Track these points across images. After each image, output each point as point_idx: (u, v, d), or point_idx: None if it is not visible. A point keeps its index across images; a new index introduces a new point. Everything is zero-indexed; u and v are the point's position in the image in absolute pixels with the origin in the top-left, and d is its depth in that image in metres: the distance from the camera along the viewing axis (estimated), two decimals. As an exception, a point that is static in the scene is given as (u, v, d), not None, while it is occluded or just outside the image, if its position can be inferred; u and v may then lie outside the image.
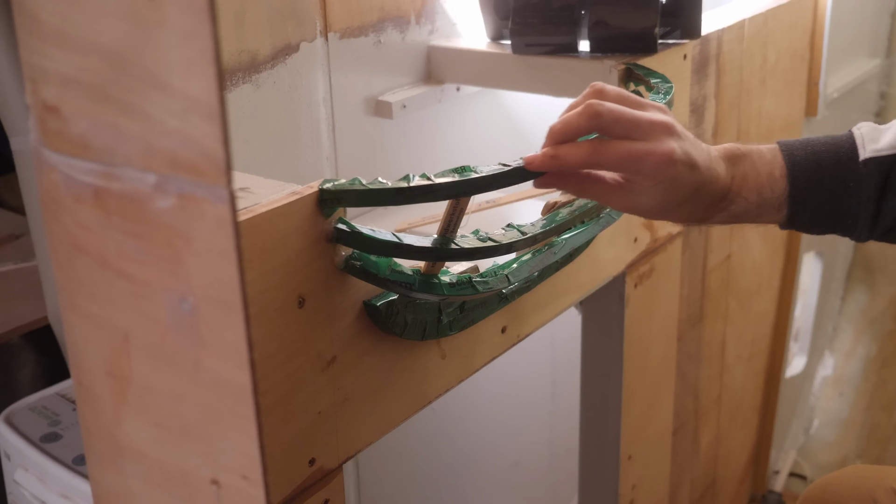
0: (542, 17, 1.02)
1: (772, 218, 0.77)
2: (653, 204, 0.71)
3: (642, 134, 0.68)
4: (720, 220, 0.76)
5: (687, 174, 0.69)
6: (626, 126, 0.68)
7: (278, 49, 0.92)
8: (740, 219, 0.76)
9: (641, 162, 0.67)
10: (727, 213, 0.75)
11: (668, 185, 0.69)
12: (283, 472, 0.65)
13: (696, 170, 0.70)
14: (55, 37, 0.49)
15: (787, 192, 0.75)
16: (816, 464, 1.99)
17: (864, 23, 1.80)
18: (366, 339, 0.70)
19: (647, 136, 0.68)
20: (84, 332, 0.57)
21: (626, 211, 0.73)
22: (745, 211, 0.75)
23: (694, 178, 0.70)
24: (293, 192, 0.62)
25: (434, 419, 1.31)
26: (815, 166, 0.76)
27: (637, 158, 0.67)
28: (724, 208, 0.75)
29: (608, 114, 0.68)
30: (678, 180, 0.69)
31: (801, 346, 1.95)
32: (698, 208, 0.73)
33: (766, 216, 0.77)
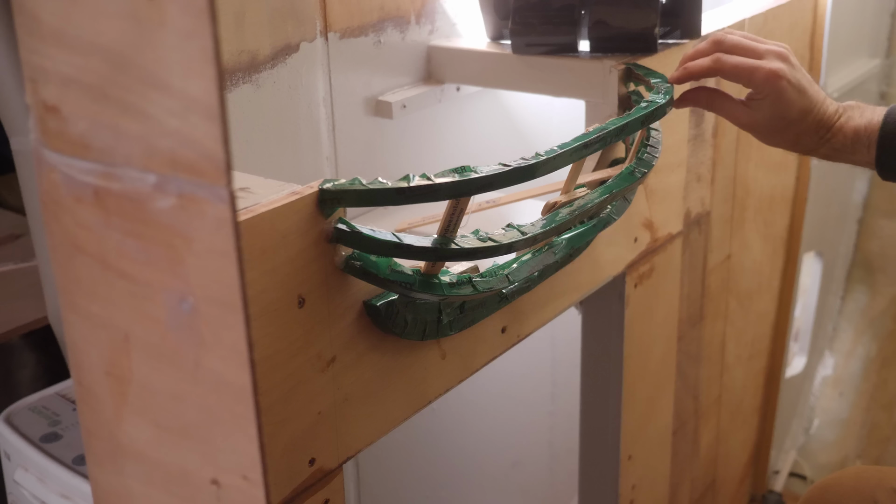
0: (542, 17, 1.02)
1: (863, 157, 0.90)
2: (766, 119, 0.86)
3: (757, 56, 0.85)
4: (826, 150, 0.90)
5: (794, 95, 0.85)
6: (743, 49, 0.85)
7: (278, 49, 0.92)
8: (840, 153, 0.90)
9: (753, 73, 0.83)
10: (829, 145, 0.89)
11: (777, 99, 0.84)
12: (283, 472, 0.65)
13: (803, 94, 0.85)
14: (55, 37, 0.49)
15: (877, 134, 0.88)
16: (816, 464, 1.99)
17: (864, 23, 1.80)
18: (366, 339, 0.70)
19: (762, 58, 0.85)
20: (84, 332, 0.57)
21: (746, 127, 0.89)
22: (843, 145, 0.89)
23: (801, 100, 0.85)
24: (293, 192, 0.62)
25: (434, 419, 1.31)
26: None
27: (750, 69, 0.84)
28: (827, 140, 0.88)
29: (729, 40, 0.86)
30: (785, 97, 0.84)
31: (801, 346, 1.95)
32: (807, 133, 0.87)
33: (859, 154, 0.89)
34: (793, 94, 0.84)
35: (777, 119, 0.86)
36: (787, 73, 0.84)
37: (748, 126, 0.88)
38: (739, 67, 0.84)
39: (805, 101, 0.85)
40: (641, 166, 0.86)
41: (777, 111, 0.85)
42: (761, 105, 0.85)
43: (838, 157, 0.90)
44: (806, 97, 0.85)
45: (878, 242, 2.11)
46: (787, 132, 0.87)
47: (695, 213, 1.24)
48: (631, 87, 0.98)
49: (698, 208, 1.25)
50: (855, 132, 0.88)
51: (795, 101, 0.85)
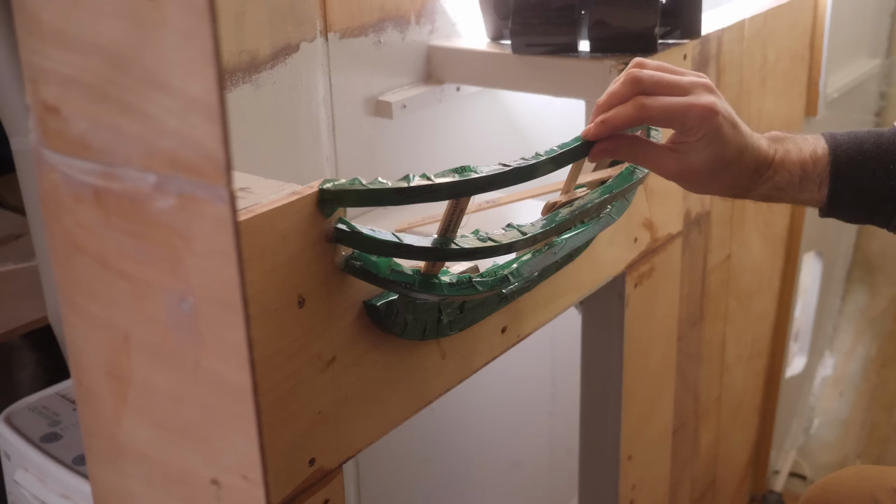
0: (542, 17, 1.02)
1: (812, 195, 0.79)
2: (701, 163, 0.74)
3: (683, 91, 0.72)
4: (764, 191, 0.78)
5: (731, 132, 0.73)
6: (667, 87, 0.72)
7: (278, 49, 0.92)
8: (783, 192, 0.79)
9: (686, 113, 0.71)
10: (771, 183, 0.78)
11: (714, 138, 0.72)
12: (283, 472, 0.65)
13: (738, 130, 0.74)
14: (55, 37, 0.49)
15: (828, 168, 0.78)
16: (816, 464, 1.99)
17: (864, 23, 1.80)
18: (366, 339, 0.70)
19: (688, 94, 0.72)
20: (84, 332, 0.57)
21: (676, 176, 0.76)
22: (787, 183, 0.78)
23: (737, 137, 0.74)
24: (293, 192, 0.62)
25: (434, 419, 1.31)
26: (857, 148, 0.79)
27: (681, 110, 0.71)
28: (768, 178, 0.77)
29: (648, 78, 0.72)
30: (723, 135, 0.72)
31: (801, 346, 1.95)
32: (744, 174, 0.76)
33: (807, 192, 0.79)
34: (728, 130, 0.73)
35: (713, 161, 0.73)
36: (720, 106, 0.72)
37: (679, 174, 0.75)
38: (669, 110, 0.71)
39: (740, 137, 0.74)
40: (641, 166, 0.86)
41: (713, 152, 0.73)
42: (695, 148, 0.73)
43: (781, 196, 0.79)
44: (739, 132, 0.74)
45: (878, 242, 2.11)
46: (723, 175, 0.75)
47: (695, 213, 1.24)
48: (631, 87, 0.98)
49: (698, 208, 1.25)
50: (802, 167, 0.78)
51: (732, 137, 0.73)
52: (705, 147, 0.73)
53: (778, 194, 0.79)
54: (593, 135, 0.73)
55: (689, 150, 0.73)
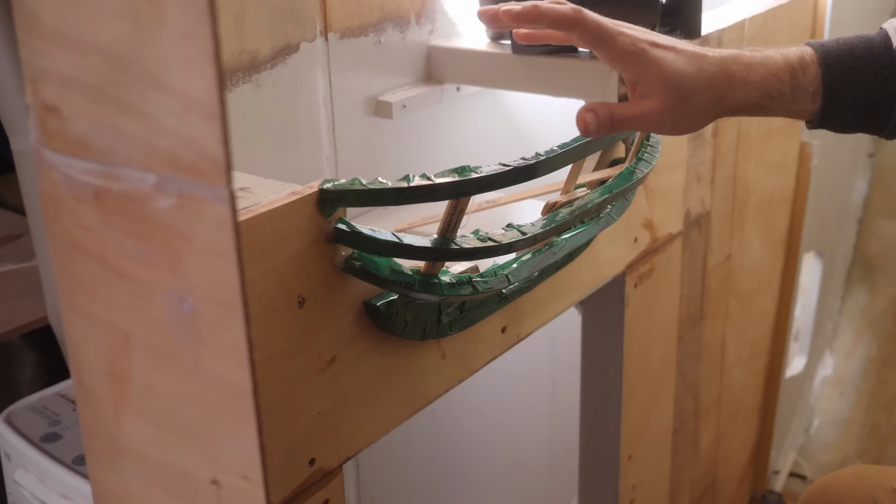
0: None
1: (805, 106, 0.76)
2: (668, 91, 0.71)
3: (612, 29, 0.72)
4: (755, 98, 0.74)
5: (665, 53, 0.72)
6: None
7: (278, 49, 0.92)
8: (776, 101, 0.75)
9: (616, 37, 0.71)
10: (759, 88, 0.74)
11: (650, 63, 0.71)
12: (283, 472, 0.65)
13: (679, 49, 0.72)
14: (55, 37, 0.49)
15: (820, 78, 0.75)
16: (816, 464, 1.99)
17: (864, 23, 1.80)
18: (366, 339, 0.70)
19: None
20: (84, 332, 0.57)
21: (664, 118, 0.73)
22: (779, 91, 0.74)
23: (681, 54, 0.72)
24: (293, 192, 0.62)
25: (434, 419, 1.31)
26: (848, 55, 0.76)
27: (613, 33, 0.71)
28: (751, 80, 0.74)
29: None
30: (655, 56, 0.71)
31: (801, 346, 1.95)
32: (718, 82, 0.73)
33: (799, 103, 0.76)
34: (661, 52, 0.71)
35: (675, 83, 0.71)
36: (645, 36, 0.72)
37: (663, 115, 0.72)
38: (602, 27, 0.71)
39: (684, 52, 0.72)
40: (641, 166, 0.86)
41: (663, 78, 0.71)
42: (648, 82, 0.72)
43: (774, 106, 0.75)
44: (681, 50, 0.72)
45: (878, 242, 2.11)
46: (699, 92, 0.72)
47: (695, 213, 1.24)
48: (631, 87, 0.98)
49: (698, 208, 1.25)
50: (791, 74, 0.74)
51: (669, 56, 0.72)
52: (653, 76, 0.71)
53: (770, 103, 0.75)
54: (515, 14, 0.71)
55: (645, 88, 0.72)
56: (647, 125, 0.74)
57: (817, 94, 0.75)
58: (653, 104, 0.72)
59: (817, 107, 0.76)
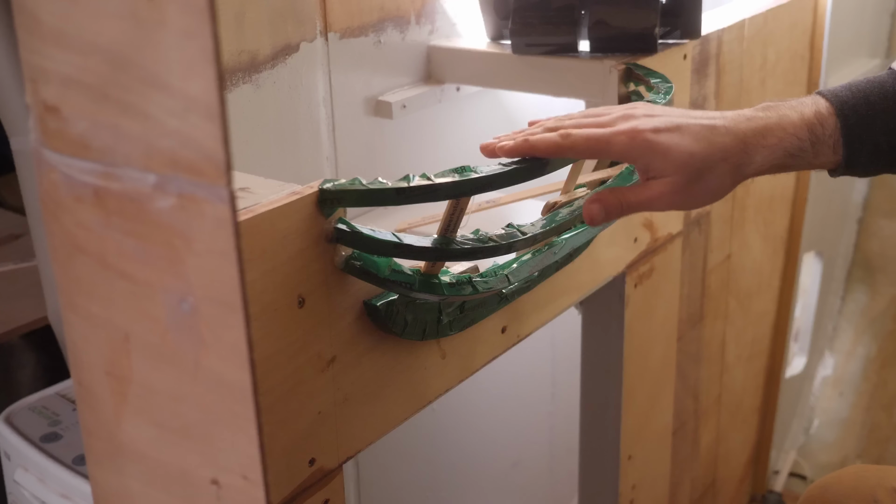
0: (542, 17, 1.02)
1: (828, 159, 0.75)
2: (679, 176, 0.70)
3: (606, 125, 0.70)
4: (774, 160, 0.73)
5: (674, 137, 0.69)
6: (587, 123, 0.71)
7: (278, 49, 0.92)
8: (796, 158, 0.74)
9: (610, 140, 0.69)
10: (778, 150, 0.73)
11: (657, 152, 0.69)
12: (283, 472, 0.65)
13: (683, 130, 0.70)
14: (55, 37, 0.49)
15: (839, 130, 0.74)
16: (816, 464, 1.99)
17: (864, 23, 1.80)
18: (366, 339, 0.70)
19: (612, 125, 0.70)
20: (84, 332, 0.57)
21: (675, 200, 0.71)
22: (799, 149, 0.73)
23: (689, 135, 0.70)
24: (293, 192, 0.62)
25: (434, 419, 1.31)
26: (864, 103, 0.75)
27: (605, 138, 0.69)
28: (768, 144, 0.72)
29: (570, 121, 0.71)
30: (664, 145, 0.69)
31: (801, 346, 1.95)
32: (732, 155, 0.71)
33: (822, 156, 0.75)
34: (669, 136, 0.69)
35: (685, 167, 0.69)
36: (643, 125, 0.69)
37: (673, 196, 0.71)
38: (592, 138, 0.69)
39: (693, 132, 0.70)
40: (641, 166, 0.86)
41: (675, 161, 0.69)
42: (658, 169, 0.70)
43: (795, 163, 0.74)
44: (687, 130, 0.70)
45: (878, 242, 2.11)
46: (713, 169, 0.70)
47: (695, 213, 1.24)
48: (631, 87, 0.98)
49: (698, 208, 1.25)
50: (810, 130, 0.73)
51: (678, 140, 0.69)
52: (661, 162, 0.69)
53: (792, 161, 0.74)
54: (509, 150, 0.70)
55: (656, 173, 0.70)
56: (660, 206, 0.72)
57: (838, 145, 0.74)
58: (663, 187, 0.70)
59: (839, 157, 0.75)
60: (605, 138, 0.69)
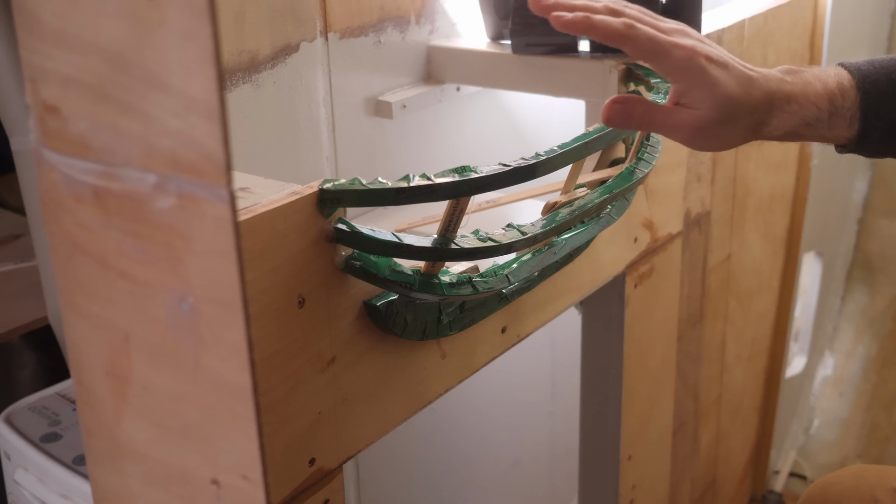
0: (542, 17, 1.02)
1: (842, 132, 0.75)
2: (710, 109, 0.70)
3: (665, 32, 0.70)
4: (790, 127, 0.74)
5: (720, 71, 0.70)
6: (650, 25, 0.70)
7: (278, 49, 0.92)
8: (811, 128, 0.74)
9: (671, 51, 0.69)
10: (797, 118, 0.73)
11: (703, 78, 0.69)
12: (283, 472, 0.65)
13: (730, 68, 0.71)
14: (55, 37, 0.49)
15: (858, 102, 0.74)
16: (816, 464, 1.99)
17: (864, 23, 1.80)
18: (366, 339, 0.70)
19: (670, 35, 0.70)
20: (84, 332, 0.57)
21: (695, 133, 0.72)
22: (816, 119, 0.74)
23: (733, 74, 0.71)
24: (293, 192, 0.62)
25: (434, 419, 1.31)
26: (886, 79, 0.75)
27: (667, 46, 0.69)
28: (792, 112, 0.73)
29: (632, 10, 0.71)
30: (712, 75, 0.69)
31: (801, 346, 1.95)
32: (759, 109, 0.72)
33: (836, 129, 0.75)
34: (716, 70, 0.70)
35: (720, 103, 0.70)
36: (700, 48, 0.70)
37: (696, 130, 0.71)
38: (655, 41, 0.69)
39: (736, 73, 0.71)
40: (641, 166, 0.86)
41: (715, 94, 0.70)
42: (695, 98, 0.70)
43: (809, 133, 0.74)
44: (733, 69, 0.71)
45: (878, 242, 2.11)
46: (738, 116, 0.71)
47: (695, 213, 1.24)
48: (631, 87, 0.98)
49: (698, 208, 1.25)
50: (830, 101, 0.73)
51: (723, 76, 0.70)
52: (704, 92, 0.70)
53: (806, 131, 0.74)
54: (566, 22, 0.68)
55: (692, 101, 0.71)
56: (680, 135, 0.73)
57: (855, 118, 0.74)
58: (692, 118, 0.71)
59: (854, 132, 0.75)
60: (666, 47, 0.69)
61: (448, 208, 0.66)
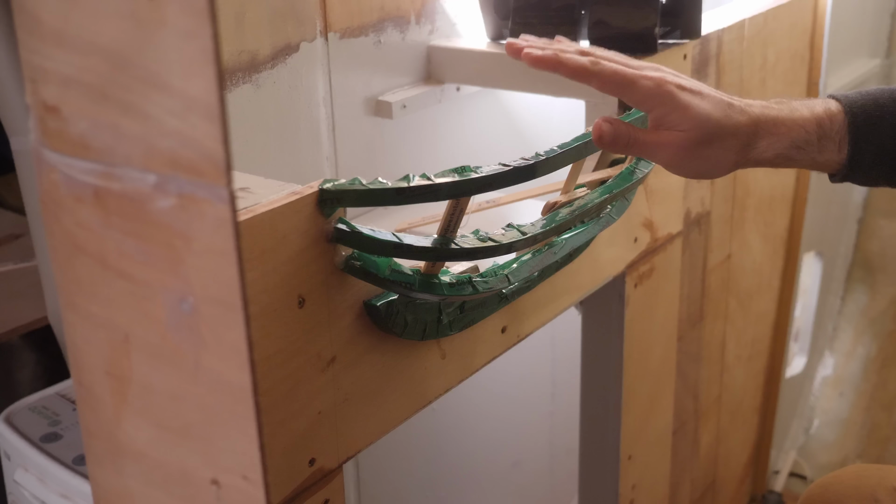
0: (542, 17, 1.02)
1: (832, 156, 0.76)
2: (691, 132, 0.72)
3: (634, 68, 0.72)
4: (780, 149, 0.75)
5: (693, 98, 0.72)
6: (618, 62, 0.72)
7: (278, 49, 0.92)
8: (802, 151, 0.76)
9: (636, 81, 0.71)
10: (787, 141, 0.75)
11: (676, 105, 0.71)
12: (283, 472, 0.65)
13: (705, 95, 0.72)
14: (55, 37, 0.49)
15: (846, 126, 0.75)
16: (816, 464, 1.99)
17: (864, 23, 1.80)
18: (366, 339, 0.70)
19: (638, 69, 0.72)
20: (84, 332, 0.57)
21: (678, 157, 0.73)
22: (805, 142, 0.75)
23: (708, 100, 0.72)
24: (293, 192, 0.62)
25: (434, 419, 1.31)
26: (873, 104, 0.77)
27: (632, 77, 0.71)
28: (780, 136, 0.74)
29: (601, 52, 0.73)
30: (683, 100, 0.71)
31: (801, 346, 1.95)
32: (742, 133, 0.73)
33: (826, 153, 0.76)
34: (688, 96, 0.72)
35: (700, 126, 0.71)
36: (670, 78, 0.72)
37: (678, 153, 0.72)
38: (620, 73, 0.71)
39: (712, 99, 0.73)
40: (641, 166, 0.86)
41: (692, 118, 0.71)
42: (673, 121, 0.72)
43: (800, 157, 0.76)
44: (708, 96, 0.73)
45: (878, 242, 2.11)
46: (721, 139, 0.72)
47: (695, 213, 1.24)
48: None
49: (698, 208, 1.25)
50: (818, 124, 0.75)
51: (697, 102, 0.72)
52: (680, 114, 0.71)
53: (796, 154, 0.76)
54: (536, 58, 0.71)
55: (671, 124, 0.72)
56: (662, 156, 0.74)
57: (843, 142, 0.76)
58: (673, 138, 0.72)
59: (844, 156, 0.76)
60: (632, 78, 0.71)
61: (448, 208, 0.66)
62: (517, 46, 0.73)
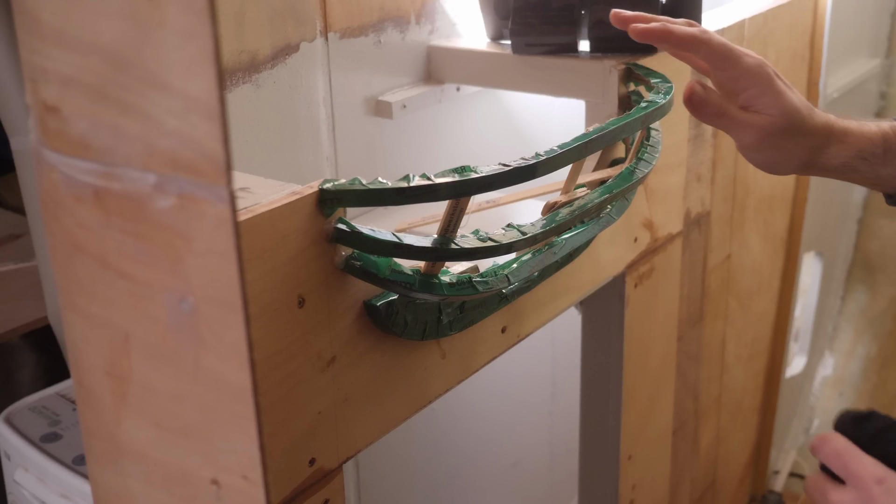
0: (542, 17, 1.02)
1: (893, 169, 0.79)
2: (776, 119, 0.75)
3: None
4: (845, 158, 0.78)
5: (787, 89, 0.75)
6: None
7: (278, 49, 0.92)
8: (867, 162, 0.78)
9: (742, 56, 0.75)
10: (854, 150, 0.78)
11: (771, 87, 0.74)
12: (283, 472, 0.65)
13: (795, 91, 0.76)
14: (55, 37, 0.49)
15: None
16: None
17: (864, 23, 1.80)
18: (366, 339, 0.70)
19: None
20: (84, 332, 0.57)
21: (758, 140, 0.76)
22: (871, 153, 0.78)
23: (797, 96, 0.76)
24: (293, 192, 0.62)
25: (434, 419, 1.31)
26: None
27: (739, 52, 0.75)
28: (848, 144, 0.78)
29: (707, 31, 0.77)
30: (779, 87, 0.75)
31: (801, 346, 1.95)
32: (817, 133, 0.77)
33: (891, 166, 0.79)
34: (783, 86, 0.76)
35: (785, 116, 0.75)
36: (770, 65, 0.77)
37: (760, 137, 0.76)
38: (728, 46, 0.75)
39: (799, 96, 0.77)
40: (641, 166, 0.86)
41: (781, 106, 0.75)
42: (763, 105, 0.75)
43: (864, 167, 0.79)
44: (796, 93, 0.77)
45: (878, 242, 2.11)
46: (798, 135, 0.76)
47: (695, 213, 1.24)
48: (631, 87, 0.98)
49: (698, 208, 1.25)
50: (883, 138, 0.78)
51: (790, 93, 0.76)
52: (773, 98, 0.74)
53: (861, 165, 0.78)
54: (644, 31, 0.75)
55: (762, 107, 0.75)
56: (743, 135, 0.76)
57: None
58: (759, 120, 0.75)
59: None
60: (738, 52, 0.75)
61: (448, 208, 0.66)
62: (623, 16, 0.77)
